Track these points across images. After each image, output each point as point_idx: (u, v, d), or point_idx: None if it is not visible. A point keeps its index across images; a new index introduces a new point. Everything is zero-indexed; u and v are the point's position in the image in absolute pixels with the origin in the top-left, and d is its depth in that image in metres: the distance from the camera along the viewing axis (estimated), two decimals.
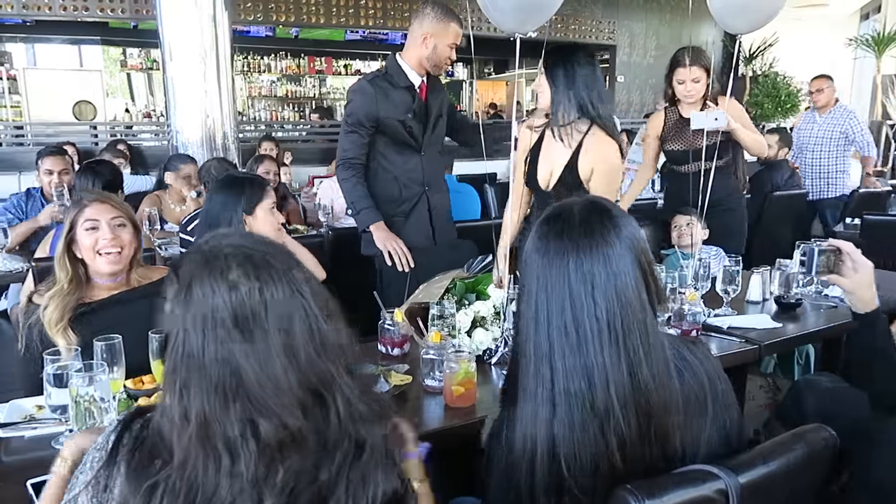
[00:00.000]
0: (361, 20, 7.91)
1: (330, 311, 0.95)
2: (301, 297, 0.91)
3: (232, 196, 2.09)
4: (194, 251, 0.93)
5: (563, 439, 1.03)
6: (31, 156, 5.14)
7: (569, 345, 1.04)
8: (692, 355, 1.12)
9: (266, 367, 0.87)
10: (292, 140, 7.65)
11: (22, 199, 3.57)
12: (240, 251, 0.91)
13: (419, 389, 1.68)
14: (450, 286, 1.99)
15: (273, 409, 0.86)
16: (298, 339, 0.89)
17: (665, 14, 9.97)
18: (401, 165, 2.72)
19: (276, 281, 0.90)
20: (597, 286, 1.03)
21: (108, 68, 9.16)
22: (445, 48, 2.64)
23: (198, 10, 4.56)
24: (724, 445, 1.10)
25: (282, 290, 0.89)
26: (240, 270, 0.88)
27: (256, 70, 9.89)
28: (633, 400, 1.03)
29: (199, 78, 4.65)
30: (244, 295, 0.87)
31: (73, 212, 1.82)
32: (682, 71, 3.11)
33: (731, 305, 2.31)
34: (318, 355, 0.90)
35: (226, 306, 0.87)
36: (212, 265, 0.89)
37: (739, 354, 2.02)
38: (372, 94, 2.63)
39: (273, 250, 0.94)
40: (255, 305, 0.88)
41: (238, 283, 0.88)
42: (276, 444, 0.86)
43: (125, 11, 6.67)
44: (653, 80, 10.06)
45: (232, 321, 0.87)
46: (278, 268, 0.91)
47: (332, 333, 0.93)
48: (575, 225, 1.06)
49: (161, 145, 6.45)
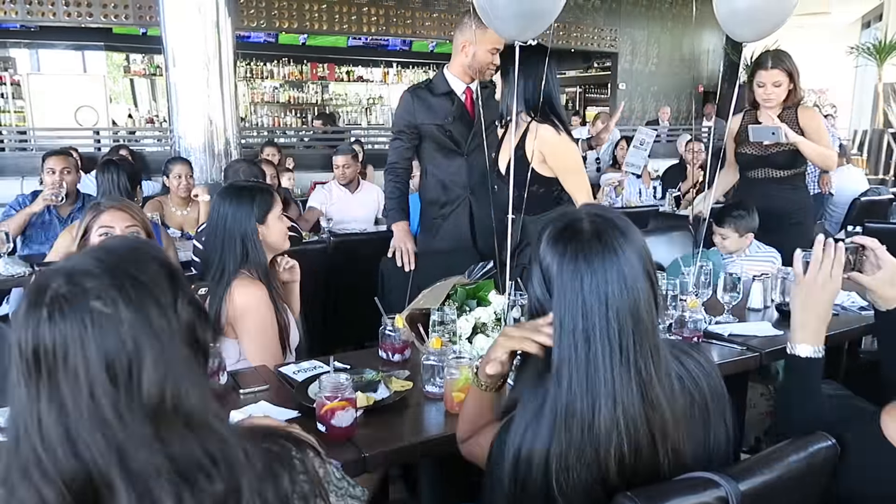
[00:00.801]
0: (364, 27, 7.95)
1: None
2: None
3: (243, 205, 2.03)
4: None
5: (558, 457, 1.02)
6: (35, 161, 5.16)
7: (577, 363, 1.02)
8: (691, 361, 1.12)
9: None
10: (294, 146, 7.67)
11: (27, 199, 3.59)
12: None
13: (420, 395, 1.68)
14: (451, 292, 1.99)
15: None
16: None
17: (667, 22, 10.00)
18: (445, 168, 2.86)
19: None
20: (610, 306, 1.01)
21: (111, 74, 9.20)
22: (485, 54, 2.71)
23: (201, 17, 4.57)
24: (723, 451, 1.10)
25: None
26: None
27: (259, 76, 9.92)
28: (645, 419, 1.02)
29: (201, 84, 4.66)
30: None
31: (88, 216, 1.83)
32: (763, 74, 3.02)
33: (732, 313, 2.31)
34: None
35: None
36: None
37: (741, 362, 2.02)
38: (410, 103, 2.81)
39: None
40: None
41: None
42: None
43: (129, 18, 6.71)
44: (654, 88, 10.09)
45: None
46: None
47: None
48: (588, 243, 1.03)
49: (164, 151, 6.47)
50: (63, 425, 0.74)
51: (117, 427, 0.74)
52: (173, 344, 0.78)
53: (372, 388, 1.64)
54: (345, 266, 3.24)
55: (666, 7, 9.96)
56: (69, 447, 0.74)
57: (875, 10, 10.18)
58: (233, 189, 2.11)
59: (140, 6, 6.66)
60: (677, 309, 2.13)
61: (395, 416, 1.59)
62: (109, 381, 0.74)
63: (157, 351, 0.76)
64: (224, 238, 2.00)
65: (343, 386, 1.44)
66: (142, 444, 0.74)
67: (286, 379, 1.78)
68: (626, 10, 9.59)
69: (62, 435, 0.74)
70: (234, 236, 2.00)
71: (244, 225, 2.01)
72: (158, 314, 0.78)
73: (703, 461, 1.08)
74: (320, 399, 1.44)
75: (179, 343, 0.79)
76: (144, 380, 0.75)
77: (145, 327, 0.77)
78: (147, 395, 0.75)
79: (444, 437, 1.52)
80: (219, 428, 0.79)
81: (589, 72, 12.25)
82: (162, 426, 0.76)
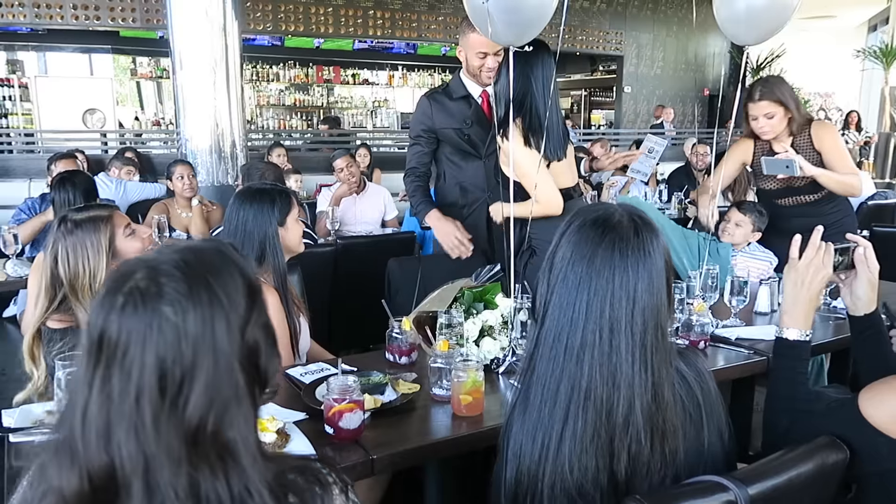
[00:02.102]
0: (370, 30, 7.97)
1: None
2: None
3: (265, 207, 2.02)
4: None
5: (571, 441, 1.03)
6: (42, 163, 5.19)
7: (600, 350, 1.03)
8: (687, 367, 1.12)
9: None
10: (300, 149, 7.70)
11: (36, 202, 3.63)
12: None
13: (427, 398, 1.68)
14: (458, 295, 1.99)
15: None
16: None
17: (672, 26, 10.01)
18: (463, 171, 2.86)
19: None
20: (638, 304, 1.03)
21: (118, 77, 9.24)
22: (474, 58, 2.72)
23: (208, 20, 4.60)
24: (719, 458, 1.11)
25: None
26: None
27: (265, 79, 9.96)
28: (651, 420, 1.03)
29: (208, 87, 4.68)
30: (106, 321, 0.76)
31: (103, 229, 1.80)
32: (752, 106, 2.82)
33: (739, 316, 2.31)
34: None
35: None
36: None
37: (747, 366, 2.01)
38: (427, 107, 2.83)
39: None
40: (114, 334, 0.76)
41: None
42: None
43: (136, 21, 6.74)
44: (660, 91, 10.09)
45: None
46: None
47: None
48: (627, 239, 1.05)
49: (170, 153, 6.50)
50: (105, 417, 0.74)
51: (152, 437, 0.73)
52: (231, 367, 0.77)
53: (379, 391, 1.65)
54: (351, 269, 3.25)
55: (671, 11, 9.96)
56: (103, 440, 0.74)
57: (882, 14, 10.16)
58: (252, 191, 2.08)
59: (147, 9, 6.70)
60: (684, 313, 2.12)
61: (402, 418, 1.59)
62: (158, 390, 0.74)
63: (212, 372, 0.75)
64: (244, 241, 1.98)
65: (351, 388, 1.45)
66: (170, 462, 0.74)
67: (294, 381, 1.78)
68: (631, 13, 9.60)
69: (102, 426, 0.74)
70: (254, 239, 1.99)
71: (265, 227, 2.00)
72: (225, 333, 0.77)
73: (698, 466, 1.09)
74: (328, 401, 1.45)
75: (238, 368, 0.78)
76: (192, 399, 0.75)
77: (207, 345, 0.76)
78: (189, 415, 0.75)
79: (452, 440, 1.52)
80: (249, 469, 0.77)
81: (594, 75, 12.26)
82: (196, 450, 0.75)
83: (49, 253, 1.76)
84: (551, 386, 1.06)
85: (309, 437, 1.41)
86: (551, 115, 2.44)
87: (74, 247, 1.74)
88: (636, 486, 1.04)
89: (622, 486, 1.04)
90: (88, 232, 1.76)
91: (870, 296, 1.42)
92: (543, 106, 2.43)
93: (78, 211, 1.83)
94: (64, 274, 1.73)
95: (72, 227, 1.76)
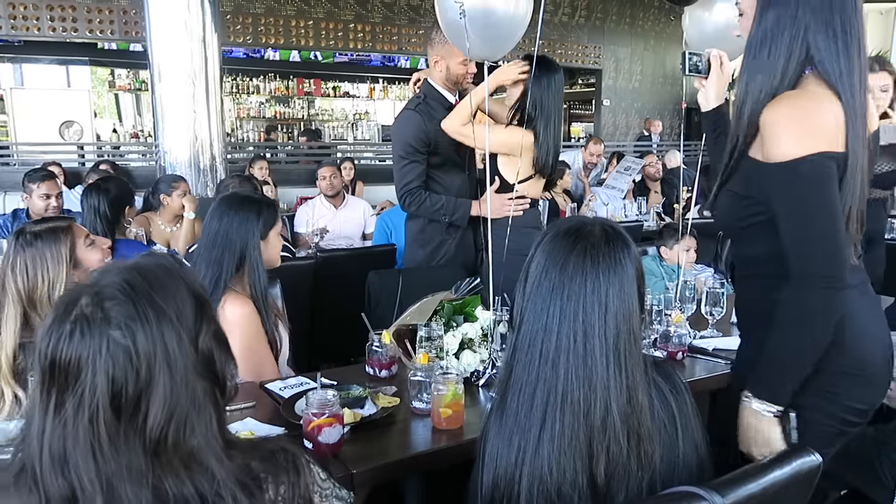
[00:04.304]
0: (350, 43, 7.98)
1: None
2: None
3: (251, 218, 1.96)
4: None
5: (549, 444, 1.05)
6: (17, 176, 5.11)
7: (575, 353, 1.06)
8: (663, 379, 1.14)
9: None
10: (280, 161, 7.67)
11: (9, 219, 3.57)
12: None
13: (407, 412, 1.68)
14: (437, 308, 2.00)
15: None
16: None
17: (650, 40, 10.14)
18: (449, 184, 2.79)
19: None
20: (609, 309, 1.07)
21: (96, 89, 9.15)
22: (457, 66, 2.71)
23: (187, 33, 4.58)
24: (694, 468, 1.12)
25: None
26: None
27: (245, 91, 9.92)
28: (627, 422, 1.06)
29: (187, 99, 4.66)
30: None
31: (63, 239, 1.77)
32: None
33: (716, 327, 2.33)
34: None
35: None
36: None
37: (725, 376, 2.03)
38: (419, 120, 2.70)
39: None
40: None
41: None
42: None
43: (114, 33, 6.69)
44: (638, 104, 10.21)
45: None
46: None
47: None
48: (598, 247, 1.09)
49: (149, 166, 6.44)
50: (61, 443, 0.75)
51: (110, 457, 0.74)
52: (187, 378, 0.78)
53: (359, 405, 1.64)
54: (331, 281, 3.24)
55: (649, 25, 10.10)
56: (59, 466, 0.74)
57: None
58: (238, 199, 2.02)
59: (126, 21, 6.65)
60: (662, 324, 2.14)
61: (382, 432, 1.59)
62: (112, 411, 0.75)
63: (168, 386, 0.76)
64: (224, 249, 1.93)
65: (330, 402, 1.44)
66: (132, 477, 0.75)
67: (273, 395, 1.77)
68: (609, 27, 9.72)
69: (58, 452, 0.75)
70: (235, 248, 1.94)
71: (247, 238, 1.95)
72: (177, 348, 0.78)
73: (672, 476, 1.10)
74: (307, 416, 1.44)
75: (195, 377, 0.79)
76: (150, 414, 0.76)
77: (160, 361, 0.77)
78: (150, 429, 0.75)
79: (432, 453, 1.53)
80: (216, 468, 0.78)
81: (573, 88, 12.36)
82: (158, 461, 0.76)
83: (7, 266, 1.71)
84: (527, 391, 1.09)
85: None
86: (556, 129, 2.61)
87: (34, 258, 1.71)
88: (614, 488, 1.06)
89: (601, 489, 1.06)
90: (48, 243, 1.73)
91: (717, 92, 1.67)
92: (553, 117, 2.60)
93: (35, 223, 1.81)
94: (22, 286, 1.69)
95: (31, 239, 1.73)
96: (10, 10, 6.24)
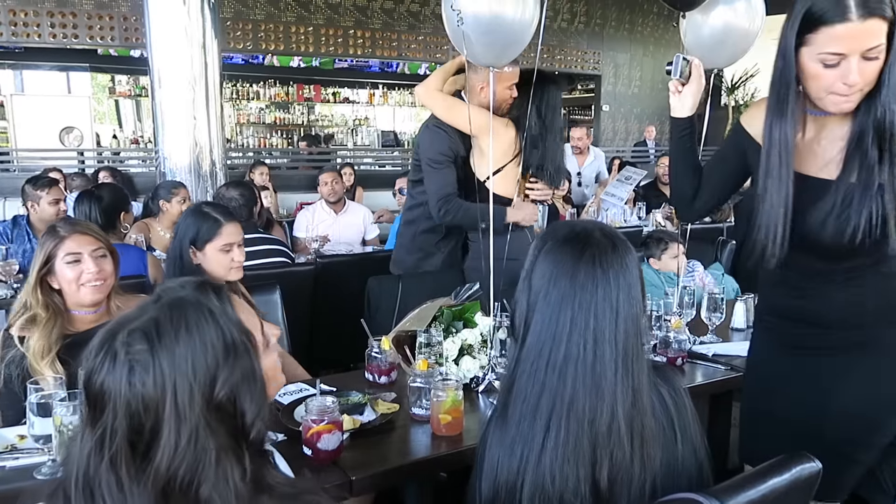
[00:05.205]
0: (350, 49, 8.00)
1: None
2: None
3: (189, 226, 2.13)
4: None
5: (553, 452, 1.05)
6: (17, 182, 5.11)
7: (583, 361, 1.06)
8: (663, 382, 1.15)
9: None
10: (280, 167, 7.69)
11: (8, 226, 3.57)
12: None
13: (406, 418, 1.67)
14: (437, 314, 2.00)
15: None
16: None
17: (649, 46, 10.17)
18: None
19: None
20: (620, 314, 1.07)
21: (96, 95, 9.17)
22: (504, 91, 2.66)
23: (187, 39, 4.59)
24: (693, 473, 1.12)
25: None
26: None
27: (245, 97, 9.94)
28: (631, 425, 1.06)
29: (187, 105, 4.66)
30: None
31: (49, 244, 1.79)
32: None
33: (716, 333, 2.33)
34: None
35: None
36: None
37: (725, 382, 2.03)
38: (447, 132, 2.69)
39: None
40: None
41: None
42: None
43: (115, 39, 6.71)
44: (637, 110, 10.23)
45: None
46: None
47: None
48: (606, 252, 1.09)
49: (149, 172, 6.45)
50: (89, 472, 0.77)
51: (127, 491, 0.76)
52: (197, 431, 0.78)
53: (358, 411, 1.64)
54: (331, 288, 3.24)
55: (648, 31, 10.12)
56: (88, 494, 0.77)
57: None
58: (190, 208, 2.27)
59: (126, 28, 6.67)
60: (662, 329, 2.14)
61: (381, 438, 1.58)
62: (130, 447, 0.77)
63: (174, 436, 0.77)
64: (173, 258, 2.15)
65: (329, 409, 1.44)
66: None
67: (272, 402, 1.77)
68: (608, 33, 9.74)
69: (87, 480, 0.77)
70: (177, 253, 2.13)
71: (179, 244, 2.13)
72: (186, 400, 0.79)
73: (672, 481, 1.10)
74: (306, 422, 1.44)
75: (206, 429, 0.79)
76: (158, 459, 0.77)
77: (168, 411, 0.78)
78: (159, 473, 0.77)
79: (431, 459, 1.52)
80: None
81: (573, 94, 12.39)
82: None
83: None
84: (531, 401, 1.08)
85: (287, 459, 1.40)
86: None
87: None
88: (617, 493, 1.06)
89: (604, 494, 1.05)
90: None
91: (693, 102, 1.68)
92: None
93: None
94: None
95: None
96: (10, 16, 6.26)
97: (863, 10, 1.26)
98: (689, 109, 1.68)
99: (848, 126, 1.39)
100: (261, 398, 0.86)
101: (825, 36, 1.29)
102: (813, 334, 1.48)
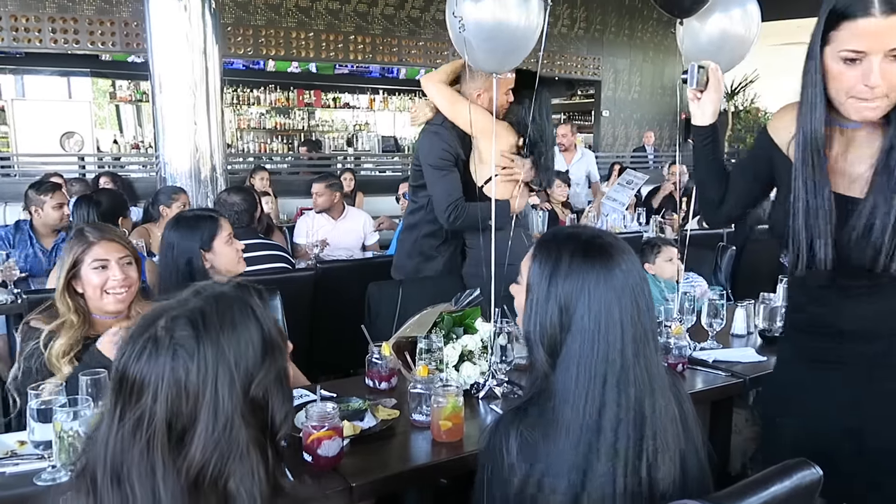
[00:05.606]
0: (350, 55, 8.02)
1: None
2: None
3: (187, 234, 2.10)
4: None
5: (595, 472, 1.06)
6: (18, 187, 5.13)
7: (637, 363, 1.09)
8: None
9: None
10: (280, 172, 7.70)
11: (10, 231, 3.57)
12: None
13: (406, 424, 1.67)
14: (437, 320, 2.00)
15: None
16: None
17: (648, 52, 10.19)
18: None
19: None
20: (650, 307, 1.13)
21: (97, 100, 9.18)
22: (502, 96, 2.67)
23: (188, 44, 4.60)
24: (696, 476, 1.12)
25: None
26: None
27: (245, 102, 9.96)
28: (673, 419, 1.11)
29: (188, 110, 4.67)
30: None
31: (77, 248, 1.80)
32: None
33: (716, 339, 2.33)
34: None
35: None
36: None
37: (725, 388, 2.03)
38: (448, 136, 2.68)
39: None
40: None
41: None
42: None
43: (116, 44, 6.73)
44: (637, 115, 10.25)
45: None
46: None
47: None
48: (624, 253, 1.13)
49: (149, 177, 6.45)
50: (120, 456, 0.77)
51: (160, 478, 0.77)
52: (232, 423, 0.80)
53: (358, 417, 1.64)
54: (331, 293, 3.24)
55: (647, 36, 10.15)
56: (116, 477, 0.77)
57: None
58: (176, 219, 2.21)
59: (128, 33, 6.69)
60: (662, 335, 2.14)
61: (381, 444, 1.58)
62: (167, 436, 0.78)
63: (211, 427, 0.78)
64: (169, 268, 2.09)
65: (330, 415, 1.44)
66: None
67: None
68: (608, 39, 9.77)
69: (117, 464, 0.77)
70: (180, 265, 2.07)
71: (188, 254, 2.08)
72: (226, 392, 0.80)
73: (678, 476, 1.11)
74: (307, 428, 1.44)
75: (240, 423, 0.80)
76: (192, 449, 0.78)
77: (208, 401, 0.79)
78: (190, 463, 0.78)
79: (432, 466, 1.52)
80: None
81: (573, 99, 12.42)
82: (196, 493, 0.78)
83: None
84: (590, 410, 1.07)
85: (287, 466, 1.39)
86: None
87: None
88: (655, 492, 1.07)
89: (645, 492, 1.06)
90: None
91: (714, 109, 1.65)
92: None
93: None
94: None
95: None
96: (12, 21, 6.28)
97: (887, 5, 1.21)
98: (711, 117, 1.65)
99: (878, 142, 1.33)
100: (289, 400, 0.89)
101: (847, 32, 1.25)
102: (830, 347, 1.44)
